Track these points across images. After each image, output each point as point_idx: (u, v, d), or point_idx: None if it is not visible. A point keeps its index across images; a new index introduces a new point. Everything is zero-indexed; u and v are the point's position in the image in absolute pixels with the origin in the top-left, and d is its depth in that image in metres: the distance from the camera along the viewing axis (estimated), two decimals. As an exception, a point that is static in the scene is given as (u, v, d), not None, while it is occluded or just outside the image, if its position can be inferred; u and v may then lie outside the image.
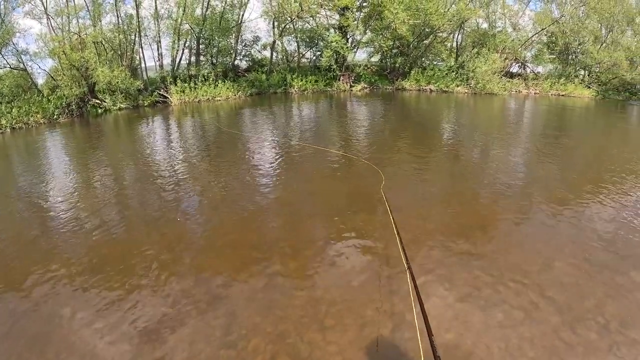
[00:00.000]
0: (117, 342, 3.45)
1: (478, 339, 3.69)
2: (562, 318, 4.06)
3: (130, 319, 3.72)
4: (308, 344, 3.49)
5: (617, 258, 5.37)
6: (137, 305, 3.93)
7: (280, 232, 5.77)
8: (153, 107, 18.73)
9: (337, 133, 13.07)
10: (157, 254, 4.93)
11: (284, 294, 4.19)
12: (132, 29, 19.74)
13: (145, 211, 6.49)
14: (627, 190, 7.94)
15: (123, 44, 19.25)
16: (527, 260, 5.16)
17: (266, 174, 8.34)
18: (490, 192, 7.66)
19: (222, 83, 21.27)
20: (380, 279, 4.55)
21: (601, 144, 14.04)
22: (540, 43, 32.91)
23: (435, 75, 27.92)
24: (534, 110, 24.06)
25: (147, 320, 3.70)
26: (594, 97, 32.20)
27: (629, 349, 3.68)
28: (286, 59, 26.72)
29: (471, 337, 3.70)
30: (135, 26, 19.73)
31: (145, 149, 10.82)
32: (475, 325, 3.85)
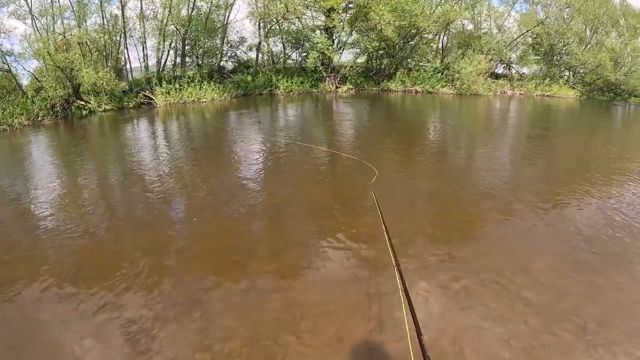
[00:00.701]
0: (97, 346, 3.53)
1: (454, 340, 3.75)
2: (540, 319, 4.12)
3: (110, 323, 3.80)
4: (283, 347, 3.57)
5: (597, 258, 5.47)
6: (117, 309, 4.01)
7: (262, 236, 5.86)
8: (138, 108, 18.92)
9: (323, 135, 13.35)
10: (138, 257, 5.01)
11: (261, 297, 4.26)
12: (117, 30, 20.00)
13: (128, 215, 6.57)
14: (609, 191, 8.13)
15: (108, 45, 19.48)
16: (506, 261, 5.24)
17: (250, 176, 8.46)
18: (473, 193, 7.80)
19: (208, 84, 21.54)
20: (361, 280, 4.63)
21: (585, 144, 14.47)
22: (525, 44, 33.72)
23: (420, 76, 28.55)
24: (519, 111, 24.61)
25: (126, 324, 3.78)
26: (579, 97, 33.13)
27: (607, 350, 3.74)
28: (272, 60, 27.07)
29: (447, 338, 3.77)
30: (120, 27, 19.98)
31: (130, 152, 10.92)
32: (451, 326, 3.93)
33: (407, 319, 3.00)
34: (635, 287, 4.79)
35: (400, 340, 3.55)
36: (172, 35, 22.07)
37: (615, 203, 7.49)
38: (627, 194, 8.06)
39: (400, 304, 4.00)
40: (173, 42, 22.48)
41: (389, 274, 4.62)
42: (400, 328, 3.72)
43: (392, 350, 3.56)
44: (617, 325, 4.07)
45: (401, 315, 3.85)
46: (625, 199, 7.73)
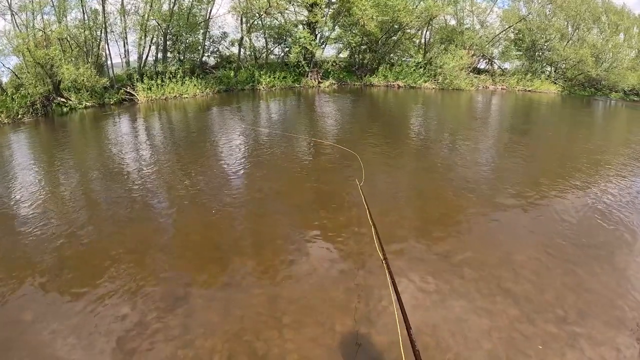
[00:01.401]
0: (80, 346, 3.56)
1: (435, 331, 3.82)
2: (521, 310, 4.20)
3: (92, 322, 3.82)
4: (265, 342, 3.62)
5: (578, 250, 5.58)
6: (99, 308, 4.03)
7: (244, 231, 5.90)
8: (119, 105, 19.05)
9: (306, 129, 13.62)
10: (120, 255, 5.05)
11: (243, 293, 4.32)
12: (98, 25, 20.06)
13: (110, 212, 6.51)
14: (589, 184, 8.35)
15: (89, 41, 19.58)
16: (488, 253, 5.33)
17: (233, 172, 8.54)
18: (455, 186, 7.93)
19: (190, 80, 21.75)
20: (343, 274, 4.72)
21: (566, 138, 15.04)
22: (508, 40, 34.53)
23: (403, 71, 29.23)
24: (501, 105, 25.26)
25: (108, 323, 3.81)
26: (560, 92, 34.06)
27: (587, 340, 3.83)
28: (254, 56, 27.38)
29: (428, 329, 3.83)
30: (101, 22, 20.03)
31: (111, 149, 10.90)
32: (432, 317, 3.99)
33: (397, 313, 2.96)
34: (616, 278, 4.97)
35: (383, 333, 3.71)
36: (153, 31, 22.17)
37: (597, 195, 7.73)
38: (609, 187, 8.31)
39: (383, 297, 4.22)
40: (154, 37, 22.56)
41: (371, 268, 4.82)
42: (382, 321, 3.92)
43: (376, 343, 3.67)
44: (598, 315, 4.20)
45: (383, 308, 4.07)
46: (606, 192, 7.99)
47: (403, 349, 2.64)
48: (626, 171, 9.53)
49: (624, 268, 5.23)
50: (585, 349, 3.71)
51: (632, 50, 37.36)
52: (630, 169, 9.76)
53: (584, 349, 3.70)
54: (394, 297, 2.84)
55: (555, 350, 3.69)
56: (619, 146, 13.09)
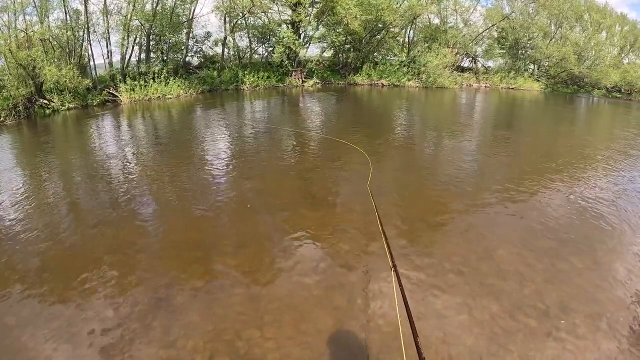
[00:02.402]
0: (62, 348, 3.59)
1: (417, 328, 3.82)
2: (502, 305, 4.27)
3: (75, 325, 3.86)
4: (246, 341, 3.68)
5: (559, 244, 5.69)
6: (81, 310, 4.07)
7: (226, 231, 5.98)
8: (103, 106, 19.23)
9: (290, 128, 13.80)
10: (102, 257, 5.09)
11: (224, 292, 4.38)
12: (80, 26, 20.29)
13: (93, 214, 6.52)
14: (571, 180, 8.55)
15: (71, 41, 19.79)
16: (469, 249, 5.41)
17: (216, 172, 8.60)
18: (437, 183, 8.13)
19: (173, 80, 22.07)
20: (324, 272, 4.80)
21: (549, 135, 15.38)
22: (491, 38, 35.43)
23: (387, 70, 29.89)
24: (485, 103, 25.86)
25: (89, 326, 3.84)
26: (543, 90, 34.96)
27: (569, 333, 3.91)
28: (238, 55, 27.79)
29: (408, 326, 3.87)
30: (83, 22, 20.29)
31: (94, 151, 10.91)
32: (414, 314, 4.04)
33: (401, 319, 3.02)
34: (596, 272, 5.08)
35: (364, 331, 3.83)
36: (136, 31, 22.43)
37: (578, 191, 7.91)
38: (590, 183, 8.54)
39: (365, 294, 4.36)
40: (137, 37, 22.80)
41: (352, 265, 4.94)
42: (363, 318, 4.01)
43: (356, 342, 3.74)
44: (579, 309, 4.29)
45: (365, 305, 4.19)
46: (587, 187, 8.20)
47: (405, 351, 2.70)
48: (607, 168, 9.82)
49: (605, 262, 5.36)
50: (567, 343, 3.80)
51: (614, 48, 38.41)
52: (611, 165, 10.05)
53: (565, 343, 3.79)
54: (397, 304, 2.98)
55: (537, 344, 3.78)
56: (600, 143, 13.47)
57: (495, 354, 3.63)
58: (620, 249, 5.77)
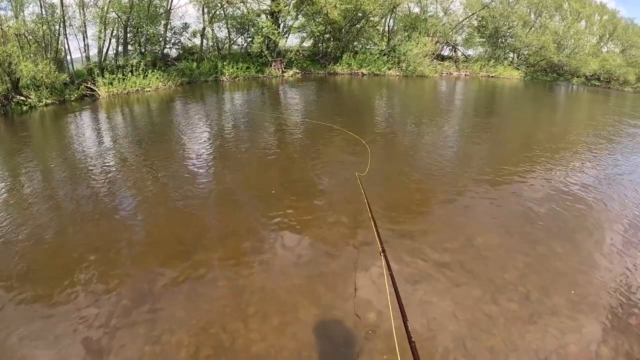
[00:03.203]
0: (47, 347, 3.62)
1: (398, 314, 4.09)
2: (484, 291, 4.35)
3: (58, 324, 3.88)
4: (230, 334, 3.73)
5: (539, 230, 5.80)
6: (65, 308, 4.09)
7: (208, 224, 6.03)
8: (81, 101, 19.33)
9: (270, 120, 13.80)
10: (85, 254, 5.08)
11: (208, 286, 4.42)
12: (56, 19, 20.23)
13: (74, 212, 6.54)
14: (551, 167, 8.74)
15: (47, 36, 19.80)
16: (451, 237, 5.50)
17: (197, 165, 8.62)
18: (419, 172, 8.20)
19: (152, 73, 22.16)
20: (307, 263, 4.86)
21: (529, 122, 15.92)
22: (471, 27, 36.05)
23: (367, 59, 30.40)
24: (465, 91, 26.39)
25: (74, 324, 3.86)
26: (523, 78, 35.84)
27: (550, 317, 4.01)
28: (217, 46, 27.90)
29: (393, 313, 3.71)
30: (59, 16, 20.23)
31: (73, 147, 10.80)
32: (395, 301, 4.13)
33: (392, 305, 3.03)
34: (577, 256, 5.18)
35: (346, 319, 3.91)
36: (113, 23, 22.45)
37: (558, 177, 8.10)
38: (570, 169, 8.74)
39: (347, 283, 4.45)
40: (115, 30, 22.83)
41: (334, 255, 5.02)
42: (345, 306, 4.10)
43: (340, 331, 3.81)
44: (560, 293, 4.39)
45: (349, 294, 4.27)
46: (567, 173, 8.42)
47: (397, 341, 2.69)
48: (587, 153, 10.16)
49: (585, 246, 5.48)
50: (549, 326, 3.89)
51: (593, 37, 39.34)
52: (591, 151, 10.41)
53: (547, 326, 3.89)
54: (388, 290, 3.01)
55: (519, 328, 3.86)
56: (580, 129, 14.03)
57: (478, 338, 3.72)
58: (601, 233, 5.90)
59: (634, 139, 12.87)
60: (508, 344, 3.70)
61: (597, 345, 3.77)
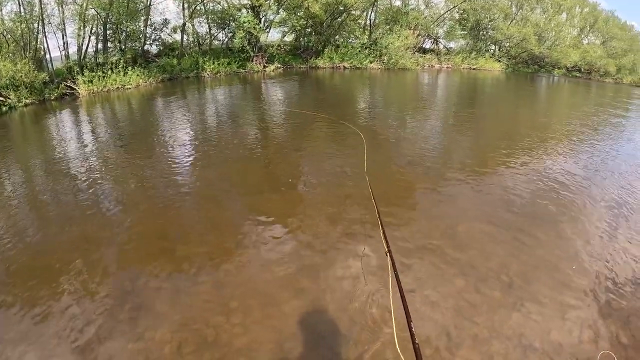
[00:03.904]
0: (29, 349, 3.60)
1: (383, 305, 3.97)
2: (466, 279, 4.40)
3: (41, 325, 3.86)
4: (213, 329, 3.76)
5: (521, 218, 5.89)
6: (47, 309, 4.08)
7: (190, 219, 6.02)
8: (61, 100, 19.38)
9: (252, 114, 14.07)
10: (66, 254, 5.08)
11: (190, 281, 4.46)
12: (35, 17, 20.26)
13: (56, 211, 6.56)
14: (532, 156, 8.88)
15: (26, 34, 19.90)
16: (433, 226, 5.57)
17: (179, 161, 8.64)
18: (401, 163, 8.30)
19: (132, 70, 22.23)
20: (289, 257, 4.90)
21: (511, 113, 16.24)
22: (452, 20, 36.57)
23: (348, 52, 30.82)
24: (447, 83, 26.91)
25: (57, 325, 3.86)
26: (504, 70, 36.56)
27: (533, 304, 4.07)
28: (198, 42, 28.07)
29: (375, 304, 4.01)
30: (38, 14, 20.22)
31: (54, 147, 10.67)
32: (379, 292, 4.15)
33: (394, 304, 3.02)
34: (559, 243, 5.25)
35: (331, 311, 3.97)
36: (92, 20, 22.46)
37: (540, 166, 8.24)
38: (551, 158, 8.92)
39: (328, 275, 4.50)
40: (94, 27, 22.87)
41: (315, 246, 5.09)
42: (328, 297, 4.15)
43: (324, 321, 3.85)
44: (543, 280, 4.45)
45: (328, 286, 4.33)
46: (549, 162, 8.57)
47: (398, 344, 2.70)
48: (568, 143, 10.40)
49: (567, 234, 5.56)
50: (532, 313, 3.94)
51: (574, 29, 40.16)
52: (572, 140, 10.66)
53: (530, 313, 3.94)
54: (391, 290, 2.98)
55: (502, 315, 3.91)
56: (561, 120, 14.36)
57: (461, 327, 3.77)
58: (582, 221, 6.00)
59: (615, 128, 13.32)
60: (492, 331, 3.76)
61: (580, 330, 3.83)
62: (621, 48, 40.49)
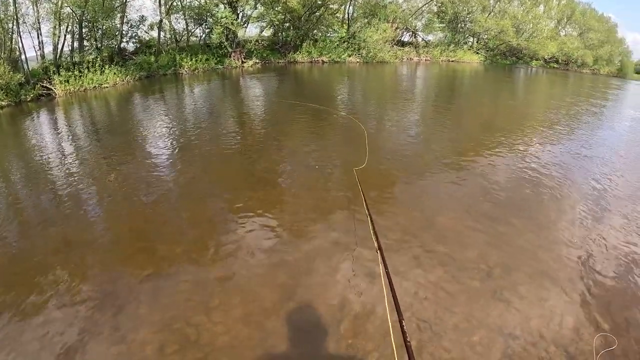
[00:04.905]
0: (8, 358, 3.56)
1: (362, 297, 4.02)
2: (445, 269, 4.44)
3: (20, 332, 3.81)
4: (195, 327, 3.76)
5: (499, 208, 5.95)
6: (25, 316, 4.03)
7: (169, 217, 6.00)
8: (37, 101, 19.36)
9: (231, 111, 14.22)
10: (44, 258, 5.05)
11: (170, 280, 4.44)
12: (9, 17, 20.29)
13: (32, 215, 6.46)
14: (510, 147, 9.03)
15: (0, 35, 19.95)
16: (412, 218, 5.60)
17: (158, 159, 8.63)
18: (379, 154, 8.37)
19: (109, 68, 22.30)
20: (269, 251, 4.93)
21: (489, 104, 16.71)
22: (431, 13, 37.30)
23: (326, 46, 31.40)
24: (426, 75, 27.63)
25: (36, 331, 3.81)
26: (483, 62, 37.52)
27: (512, 292, 4.10)
28: (175, 39, 28.24)
29: (355, 296, 4.04)
30: (12, 13, 20.26)
31: (32, 150, 10.42)
32: (359, 284, 4.20)
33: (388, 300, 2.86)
34: (537, 232, 5.32)
35: (313, 306, 3.99)
36: (68, 18, 22.48)
37: (518, 156, 8.36)
38: (529, 148, 9.10)
39: (311, 270, 4.54)
40: (69, 25, 22.87)
41: (293, 243, 5.13)
42: (310, 292, 4.17)
43: (306, 317, 3.86)
44: (521, 268, 4.50)
45: (310, 280, 4.36)
46: (527, 152, 8.71)
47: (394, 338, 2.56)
48: (546, 133, 10.67)
49: (545, 223, 5.63)
50: (511, 302, 3.98)
51: (552, 21, 41.16)
52: (550, 130, 10.93)
53: (510, 302, 3.98)
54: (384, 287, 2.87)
55: (482, 304, 3.94)
56: (540, 110, 14.82)
57: (441, 317, 3.80)
58: (560, 210, 6.11)
59: (595, 117, 13.93)
60: (472, 321, 3.80)
61: (561, 317, 3.89)
62: (598, 39, 41.64)
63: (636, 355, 3.53)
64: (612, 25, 44.94)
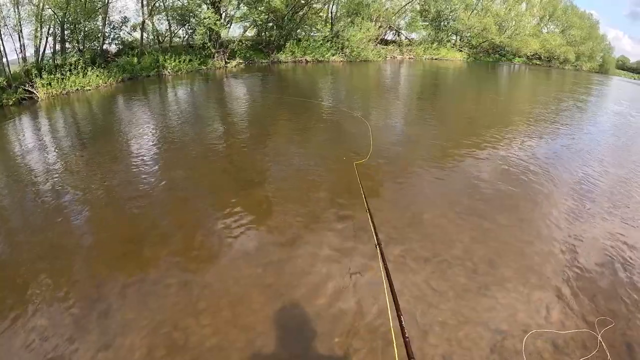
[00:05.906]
0: None
1: (349, 294, 4.06)
2: (431, 266, 4.47)
3: (7, 340, 3.83)
4: (183, 331, 3.77)
5: (484, 205, 6.01)
6: (12, 323, 4.03)
7: (155, 221, 6.02)
8: (19, 105, 19.34)
9: (214, 112, 14.41)
10: (30, 265, 5.05)
11: (157, 284, 4.44)
12: None
13: (17, 221, 6.49)
14: (494, 142, 9.19)
15: None
16: (398, 215, 5.65)
17: (142, 162, 8.65)
18: (364, 153, 8.36)
19: (92, 71, 22.39)
20: (254, 254, 4.95)
21: (473, 101, 17.02)
22: (414, 11, 37.88)
23: (310, 46, 31.79)
24: (409, 73, 28.27)
25: (23, 338, 3.83)
26: (466, 59, 38.27)
27: (498, 287, 4.16)
28: (158, 40, 28.42)
29: (342, 294, 4.07)
30: None
31: (15, 154, 10.40)
32: (346, 282, 4.24)
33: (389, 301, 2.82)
34: (522, 228, 5.41)
35: (300, 306, 4.03)
36: (49, 20, 22.55)
37: (502, 153, 8.48)
38: (514, 144, 9.19)
39: (295, 271, 4.58)
40: (51, 27, 22.95)
41: (279, 243, 5.18)
42: (297, 293, 4.20)
43: (294, 316, 3.91)
44: (507, 264, 4.56)
45: (297, 280, 4.41)
46: (511, 149, 8.83)
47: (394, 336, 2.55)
48: (530, 128, 10.89)
49: (530, 218, 5.72)
50: (498, 297, 4.04)
51: (534, 18, 41.94)
52: (534, 126, 11.16)
53: (496, 297, 4.04)
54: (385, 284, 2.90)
55: (468, 300, 3.98)
56: (522, 107, 15.12)
57: (428, 313, 3.86)
58: (544, 205, 6.23)
59: (576, 113, 14.30)
60: (459, 317, 3.85)
61: (547, 311, 3.96)
62: (580, 36, 42.55)
63: (622, 346, 3.63)
64: (594, 22, 46.14)
